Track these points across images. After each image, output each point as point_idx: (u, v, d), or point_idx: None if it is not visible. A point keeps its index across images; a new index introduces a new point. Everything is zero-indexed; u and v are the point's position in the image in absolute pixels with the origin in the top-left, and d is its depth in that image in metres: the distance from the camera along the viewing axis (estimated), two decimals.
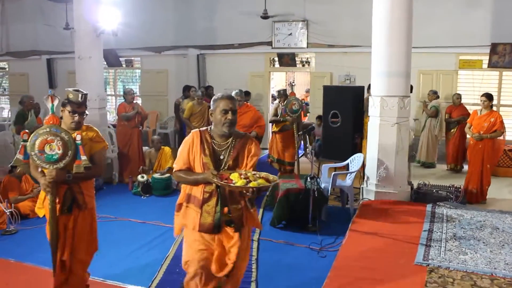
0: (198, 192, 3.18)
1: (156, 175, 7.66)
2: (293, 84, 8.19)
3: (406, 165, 6.97)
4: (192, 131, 3.32)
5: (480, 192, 7.12)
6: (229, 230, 3.18)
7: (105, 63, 11.77)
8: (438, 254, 4.92)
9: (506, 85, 10.25)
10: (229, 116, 3.14)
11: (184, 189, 3.31)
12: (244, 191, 2.88)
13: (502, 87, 10.25)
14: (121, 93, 12.42)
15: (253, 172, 3.06)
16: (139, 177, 7.67)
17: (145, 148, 8.75)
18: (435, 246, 5.14)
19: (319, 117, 10.45)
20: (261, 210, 6.51)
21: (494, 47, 9.85)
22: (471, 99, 9.82)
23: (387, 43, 6.62)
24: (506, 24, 9.68)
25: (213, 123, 3.24)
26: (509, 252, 4.98)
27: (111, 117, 12.70)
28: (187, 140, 3.26)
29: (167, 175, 7.67)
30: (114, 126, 9.40)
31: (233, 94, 6.75)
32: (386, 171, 6.70)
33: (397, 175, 6.76)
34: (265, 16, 10.94)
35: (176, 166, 3.24)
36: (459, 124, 9.15)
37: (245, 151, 3.25)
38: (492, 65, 10.00)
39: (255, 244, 5.22)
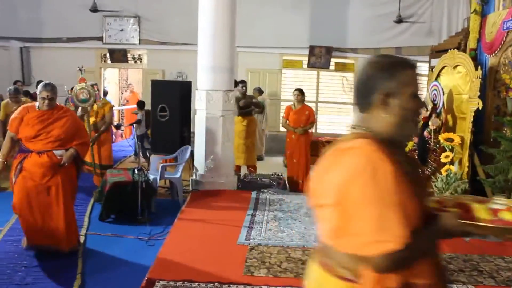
0: (424, 266, 1.54)
1: None
2: (81, 69, 7.19)
3: (232, 156, 7.36)
4: (360, 140, 1.53)
5: (304, 181, 7.69)
6: None
7: None
8: (259, 234, 5.34)
9: (322, 83, 11.41)
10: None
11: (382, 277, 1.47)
12: None
13: (320, 86, 11.39)
14: None
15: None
16: None
17: None
18: (257, 227, 5.57)
19: (138, 104, 9.58)
20: (89, 206, 6.34)
21: (312, 49, 10.90)
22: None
23: (212, 39, 6.93)
24: (322, 29, 10.77)
25: (389, 120, 1.58)
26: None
27: None
28: (382, 166, 1.44)
29: None
30: None
31: (39, 88, 4.66)
32: (213, 162, 7.00)
33: (223, 166, 7.09)
34: (94, 10, 10.60)
35: (390, 233, 1.40)
36: None
37: None
38: (310, 66, 11.06)
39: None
